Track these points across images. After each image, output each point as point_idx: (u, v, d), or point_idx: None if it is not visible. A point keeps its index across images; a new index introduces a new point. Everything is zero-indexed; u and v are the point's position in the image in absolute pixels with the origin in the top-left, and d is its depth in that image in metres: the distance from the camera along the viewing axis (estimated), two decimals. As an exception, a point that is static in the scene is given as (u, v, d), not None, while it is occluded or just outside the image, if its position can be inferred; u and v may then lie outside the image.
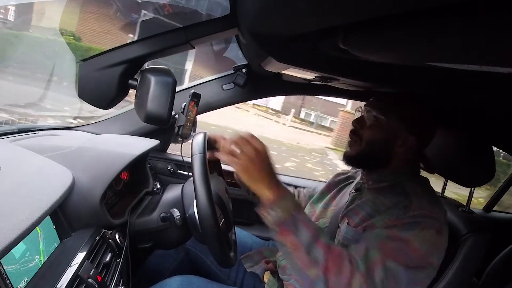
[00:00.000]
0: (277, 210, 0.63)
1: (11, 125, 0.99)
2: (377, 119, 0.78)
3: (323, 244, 0.63)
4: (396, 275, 0.63)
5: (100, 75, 0.77)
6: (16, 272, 0.49)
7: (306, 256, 0.62)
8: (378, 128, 0.78)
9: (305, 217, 0.65)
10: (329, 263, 0.62)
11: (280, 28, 0.59)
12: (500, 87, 0.58)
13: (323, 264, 0.61)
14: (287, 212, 0.63)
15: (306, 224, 0.64)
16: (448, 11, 0.33)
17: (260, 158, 0.65)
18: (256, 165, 0.64)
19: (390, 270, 0.63)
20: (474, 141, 0.88)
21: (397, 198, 0.72)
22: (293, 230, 0.63)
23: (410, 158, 0.78)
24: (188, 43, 0.79)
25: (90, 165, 0.78)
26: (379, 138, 0.77)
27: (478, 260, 0.84)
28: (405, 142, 0.76)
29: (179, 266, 1.07)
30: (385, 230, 0.67)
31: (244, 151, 0.65)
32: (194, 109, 1.11)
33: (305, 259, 0.62)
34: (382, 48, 0.49)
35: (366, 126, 0.79)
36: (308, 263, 0.62)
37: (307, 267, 0.62)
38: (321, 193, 0.96)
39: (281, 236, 0.63)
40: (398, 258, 0.64)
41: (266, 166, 0.65)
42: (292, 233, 0.63)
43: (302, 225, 0.63)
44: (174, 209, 0.85)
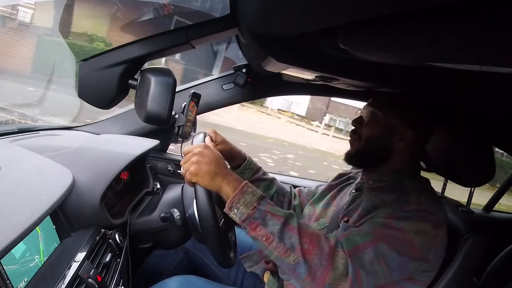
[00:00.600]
0: (239, 207, 0.63)
1: (11, 125, 0.99)
2: (374, 115, 0.79)
3: (294, 227, 0.63)
4: (387, 259, 0.63)
5: (100, 75, 0.77)
6: (16, 272, 0.49)
7: (281, 244, 0.62)
8: (375, 124, 0.78)
9: (270, 207, 0.65)
10: (304, 245, 0.62)
11: (280, 28, 0.59)
12: (500, 87, 0.58)
13: (299, 247, 0.62)
14: (250, 206, 0.63)
15: (272, 214, 0.64)
16: (448, 11, 0.33)
17: (205, 157, 0.67)
18: (203, 165, 0.66)
19: (382, 253, 0.63)
20: (474, 141, 0.88)
21: (395, 195, 0.72)
22: (261, 222, 0.63)
23: (410, 156, 0.78)
24: (188, 43, 0.79)
25: (90, 165, 0.78)
26: (377, 134, 0.78)
27: (478, 260, 0.84)
28: (403, 136, 0.76)
29: (178, 266, 1.07)
30: (381, 219, 0.68)
31: (189, 161, 0.67)
32: (194, 109, 1.11)
33: (280, 248, 0.62)
34: (382, 48, 0.49)
35: (365, 124, 0.80)
36: (284, 251, 0.62)
37: (285, 254, 0.62)
38: (321, 193, 0.97)
39: (252, 232, 0.64)
40: (391, 244, 0.64)
41: (214, 163, 0.67)
42: (260, 226, 0.63)
43: (268, 216, 0.63)
44: (174, 209, 0.85)
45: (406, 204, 0.68)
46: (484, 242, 0.84)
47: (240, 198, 0.64)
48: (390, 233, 0.65)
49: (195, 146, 0.69)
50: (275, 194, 0.98)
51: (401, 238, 0.64)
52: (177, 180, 1.27)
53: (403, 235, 0.64)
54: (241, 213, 0.63)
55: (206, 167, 0.66)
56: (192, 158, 0.67)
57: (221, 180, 0.66)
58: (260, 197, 0.65)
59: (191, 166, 0.66)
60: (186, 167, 0.67)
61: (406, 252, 0.64)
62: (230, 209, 0.64)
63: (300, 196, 1.03)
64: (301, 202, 1.02)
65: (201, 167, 0.66)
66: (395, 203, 0.70)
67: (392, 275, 0.64)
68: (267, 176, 0.99)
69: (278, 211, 0.65)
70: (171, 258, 1.08)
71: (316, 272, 0.62)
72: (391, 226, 0.66)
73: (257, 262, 1.00)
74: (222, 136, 0.89)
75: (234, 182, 0.66)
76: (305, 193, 1.03)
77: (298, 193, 1.04)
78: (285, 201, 1.00)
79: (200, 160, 0.66)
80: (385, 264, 0.63)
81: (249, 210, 0.63)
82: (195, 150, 0.68)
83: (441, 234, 0.68)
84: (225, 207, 0.65)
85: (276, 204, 0.98)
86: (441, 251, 0.69)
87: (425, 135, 0.79)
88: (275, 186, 0.98)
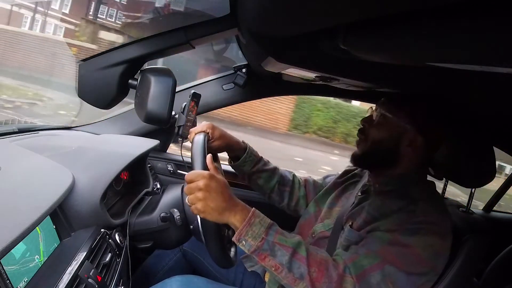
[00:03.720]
0: (248, 239, 0.63)
1: (11, 125, 0.99)
2: (384, 117, 0.77)
3: (302, 257, 0.63)
4: (394, 279, 0.63)
5: (100, 75, 0.77)
6: (16, 272, 0.49)
7: (290, 274, 0.62)
8: (384, 126, 0.77)
9: (278, 237, 0.64)
10: (313, 274, 0.62)
11: (280, 28, 0.59)
12: (500, 87, 0.58)
13: (308, 277, 0.62)
14: (258, 238, 0.63)
15: (281, 244, 0.64)
16: (448, 11, 0.33)
17: (212, 190, 0.63)
18: (210, 201, 0.62)
19: (388, 274, 0.63)
20: (474, 141, 0.88)
21: (402, 203, 0.71)
22: (270, 253, 0.63)
23: (418, 162, 0.77)
24: (188, 43, 0.80)
25: (90, 165, 0.78)
26: (385, 136, 0.76)
27: (478, 260, 0.84)
28: (412, 142, 0.75)
29: (175, 267, 1.07)
30: (387, 234, 0.67)
31: (194, 195, 0.63)
32: (194, 109, 1.11)
33: (290, 277, 0.63)
34: (382, 48, 0.49)
35: (373, 125, 0.79)
36: (294, 280, 0.63)
37: (294, 283, 0.63)
38: (326, 190, 0.96)
39: (261, 261, 0.64)
40: (399, 264, 0.64)
41: (220, 197, 0.63)
42: (269, 257, 0.63)
43: (277, 246, 0.63)
44: (174, 209, 0.85)
45: (413, 215, 0.68)
46: (484, 243, 0.83)
47: (248, 231, 0.63)
48: (397, 251, 0.64)
49: (199, 176, 0.64)
50: (276, 184, 0.97)
51: (409, 255, 0.64)
52: (177, 180, 1.27)
53: (410, 251, 0.64)
54: (250, 245, 0.63)
55: (213, 203, 0.62)
56: (197, 193, 0.63)
57: (228, 214, 0.63)
58: (268, 226, 0.64)
59: (197, 203, 0.63)
60: (192, 201, 0.64)
61: (414, 270, 0.64)
62: (239, 241, 0.64)
63: (306, 186, 1.02)
64: (307, 194, 1.01)
65: (208, 204, 0.62)
66: (401, 212, 0.69)
67: None
68: (269, 166, 0.97)
69: (286, 241, 0.64)
70: (168, 257, 1.08)
71: None
72: (398, 243, 0.65)
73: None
74: (220, 130, 0.87)
75: (241, 213, 0.64)
76: (312, 185, 1.02)
77: (304, 183, 1.02)
78: (286, 191, 0.99)
79: (206, 197, 0.62)
80: (392, 284, 0.63)
81: (257, 242, 0.63)
82: (200, 183, 0.63)
83: (447, 243, 0.68)
84: (233, 238, 0.64)
85: (277, 194, 0.99)
86: (446, 258, 0.69)
87: (435, 143, 0.78)
88: (277, 176, 0.97)
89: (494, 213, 1.56)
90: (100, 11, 6.91)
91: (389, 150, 0.76)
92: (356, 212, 0.78)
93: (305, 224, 0.92)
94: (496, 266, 1.27)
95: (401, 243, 0.65)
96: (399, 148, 0.76)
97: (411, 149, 0.75)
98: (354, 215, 0.77)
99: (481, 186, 0.90)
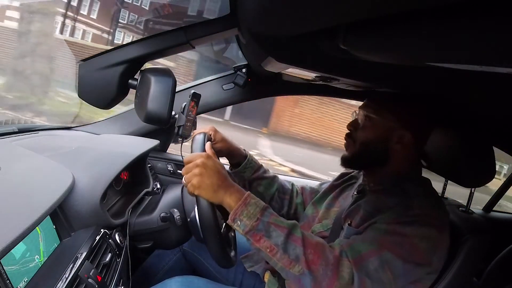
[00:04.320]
0: (243, 219, 0.63)
1: (11, 125, 0.99)
2: (369, 118, 0.78)
3: (298, 238, 0.63)
4: (392, 267, 0.63)
5: (100, 75, 0.77)
6: (16, 273, 0.49)
7: (285, 255, 0.62)
8: (371, 127, 0.78)
9: (274, 218, 0.64)
10: (309, 256, 0.62)
11: (280, 28, 0.59)
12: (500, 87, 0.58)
13: (304, 258, 0.61)
14: (253, 218, 0.63)
15: (276, 225, 0.63)
16: (448, 11, 0.33)
17: (208, 168, 0.65)
18: (206, 178, 0.64)
19: (386, 261, 0.63)
20: (474, 141, 0.88)
21: (398, 199, 0.72)
22: (265, 234, 0.62)
23: (409, 157, 0.78)
24: (188, 43, 0.80)
25: (90, 165, 0.78)
26: (373, 137, 0.77)
27: (478, 260, 0.84)
28: (400, 138, 0.76)
29: (174, 267, 1.07)
30: (384, 225, 0.67)
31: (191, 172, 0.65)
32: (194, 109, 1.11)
33: (285, 259, 0.62)
34: (382, 48, 0.49)
35: (360, 128, 0.80)
36: (289, 262, 0.62)
37: (290, 265, 0.62)
38: (324, 193, 0.96)
39: (256, 243, 0.63)
40: (396, 251, 0.63)
41: (216, 175, 0.65)
42: (264, 238, 0.62)
43: (272, 227, 0.63)
44: (174, 209, 0.85)
45: (409, 209, 0.68)
46: (484, 243, 0.83)
47: (243, 210, 0.63)
48: (394, 240, 0.64)
49: (196, 156, 0.67)
50: (276, 192, 0.98)
51: (406, 244, 0.64)
52: (177, 180, 1.27)
53: (407, 241, 0.64)
54: (245, 225, 0.63)
55: (209, 180, 0.64)
56: (194, 169, 0.65)
57: (224, 193, 0.64)
58: (263, 208, 0.64)
59: (193, 179, 0.64)
60: (188, 179, 0.65)
61: (411, 258, 0.64)
62: (234, 221, 0.63)
63: (303, 194, 1.03)
64: (304, 201, 1.01)
65: (204, 180, 0.64)
66: (398, 207, 0.69)
67: (397, 282, 0.64)
68: (268, 174, 0.98)
69: (282, 222, 0.64)
70: (168, 258, 1.08)
71: (321, 283, 0.61)
72: (395, 232, 0.65)
73: (257, 262, 1.00)
74: (221, 134, 0.88)
75: (237, 193, 0.65)
76: (308, 191, 1.03)
77: (301, 190, 1.04)
78: (285, 199, 0.99)
79: (202, 173, 0.64)
80: (390, 271, 0.63)
81: (252, 222, 0.62)
82: (197, 160, 0.66)
83: (445, 238, 0.68)
84: (228, 219, 0.65)
85: (277, 202, 0.99)
86: (444, 254, 0.69)
87: (423, 136, 0.79)
88: (276, 184, 0.98)
89: (494, 213, 1.56)
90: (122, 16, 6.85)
91: (379, 149, 0.77)
92: (353, 210, 0.78)
93: (303, 226, 0.92)
94: (496, 266, 1.27)
95: (398, 233, 0.65)
96: (388, 147, 0.77)
97: (400, 146, 0.76)
98: (351, 214, 0.78)
99: (480, 186, 0.90)
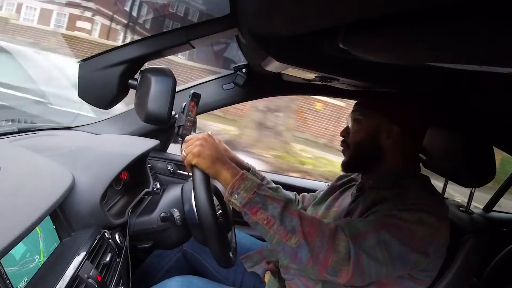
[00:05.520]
0: (240, 192, 0.65)
1: (11, 125, 0.98)
2: (358, 121, 0.80)
3: (294, 211, 0.65)
4: (389, 247, 0.63)
5: (100, 75, 0.77)
6: (17, 273, 0.49)
7: (282, 227, 0.63)
8: (360, 129, 0.80)
9: (270, 192, 0.66)
10: (306, 227, 0.63)
11: (280, 28, 0.59)
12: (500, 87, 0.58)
13: (300, 229, 0.62)
14: (250, 191, 0.65)
15: (272, 198, 0.65)
16: (448, 11, 0.33)
17: (208, 143, 0.70)
18: (206, 149, 0.69)
19: (383, 241, 0.63)
20: (474, 141, 0.88)
21: (396, 191, 0.73)
22: (261, 206, 0.64)
23: (405, 152, 0.78)
24: (188, 43, 0.80)
25: (90, 165, 0.78)
26: (363, 138, 0.79)
27: (478, 260, 0.84)
28: (389, 133, 0.77)
29: (174, 267, 1.07)
30: (384, 212, 0.68)
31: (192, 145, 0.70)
32: (194, 109, 1.11)
33: (281, 230, 0.63)
34: (382, 48, 0.49)
35: (351, 132, 0.82)
36: (285, 234, 0.63)
37: (286, 237, 0.63)
38: (323, 195, 0.97)
39: (252, 216, 0.64)
40: (393, 232, 0.64)
41: (216, 149, 0.70)
42: (261, 210, 0.64)
43: (268, 200, 0.65)
44: (174, 209, 0.85)
45: (407, 199, 0.69)
46: (484, 243, 0.83)
47: (241, 184, 0.65)
48: (393, 222, 0.65)
49: (198, 135, 0.72)
50: None
51: (403, 228, 0.64)
52: (177, 180, 1.27)
53: (405, 225, 0.65)
54: (242, 197, 0.64)
55: (209, 151, 0.69)
56: (195, 142, 0.70)
57: (221, 165, 0.68)
58: (259, 183, 0.67)
59: (194, 148, 0.69)
60: (189, 150, 0.69)
61: (407, 242, 0.64)
62: (231, 195, 0.65)
63: (303, 202, 1.05)
64: (304, 208, 1.03)
65: (204, 150, 0.68)
66: (396, 197, 0.71)
67: (393, 264, 0.64)
68: (271, 185, 1.00)
69: (278, 195, 0.66)
70: (167, 258, 1.08)
71: (318, 255, 0.62)
72: (394, 216, 0.66)
73: (257, 262, 1.00)
74: (224, 145, 0.92)
75: (234, 169, 0.68)
76: (308, 198, 1.05)
77: (302, 199, 1.06)
78: None
79: (203, 144, 0.69)
80: (387, 251, 0.63)
81: (249, 195, 0.64)
82: (199, 136, 0.71)
83: (443, 229, 0.68)
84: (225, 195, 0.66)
85: None
86: (442, 248, 0.69)
87: (414, 129, 0.78)
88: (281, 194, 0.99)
89: (494, 213, 1.56)
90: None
91: (371, 147, 0.78)
92: (353, 208, 0.79)
93: None
94: (496, 266, 1.27)
95: (396, 217, 0.66)
96: (379, 143, 0.78)
97: (391, 140, 0.77)
98: (351, 211, 0.79)
99: (481, 186, 0.90)
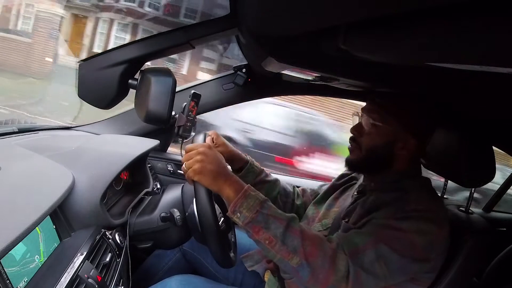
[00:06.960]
0: (242, 211, 0.64)
1: (11, 125, 0.98)
2: (375, 126, 0.76)
3: (296, 230, 0.64)
4: (388, 261, 0.63)
5: (100, 75, 0.77)
6: (17, 273, 0.49)
7: (284, 247, 0.62)
8: (376, 134, 0.76)
9: (272, 210, 0.65)
10: (307, 248, 0.62)
11: (280, 28, 0.59)
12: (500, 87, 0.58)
13: (302, 249, 0.62)
14: (253, 210, 0.64)
15: (275, 217, 0.64)
16: (448, 11, 0.33)
17: (209, 157, 0.67)
18: (207, 164, 0.66)
19: (382, 255, 0.63)
20: (474, 141, 0.88)
21: (396, 194, 0.72)
22: (264, 226, 0.63)
23: (411, 159, 0.78)
24: (188, 43, 0.80)
25: (90, 165, 0.78)
26: (379, 144, 0.76)
27: (478, 260, 0.84)
28: (405, 144, 0.75)
29: (174, 267, 1.07)
30: (382, 220, 0.68)
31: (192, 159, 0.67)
32: (194, 109, 1.11)
33: (283, 250, 0.63)
34: (382, 48, 0.49)
35: (365, 133, 0.78)
36: (287, 254, 0.62)
37: (288, 257, 0.63)
38: (325, 193, 0.96)
39: (255, 235, 0.64)
40: (392, 245, 0.63)
41: (217, 163, 0.68)
42: (263, 230, 0.63)
43: (271, 219, 0.64)
44: (174, 209, 0.85)
45: (406, 203, 0.68)
46: (484, 243, 0.83)
47: (243, 202, 0.64)
48: (391, 234, 0.64)
49: (198, 145, 0.70)
50: (278, 195, 0.98)
51: (402, 239, 0.64)
52: (177, 180, 1.27)
53: (404, 235, 0.64)
54: (244, 217, 0.64)
55: (210, 166, 0.66)
56: (196, 156, 0.67)
57: (223, 181, 0.66)
58: (262, 200, 0.65)
59: (194, 164, 0.66)
60: (189, 165, 0.67)
61: (407, 253, 0.64)
62: (233, 213, 0.64)
63: (303, 196, 1.03)
64: (304, 202, 1.02)
65: (205, 166, 0.66)
66: (394, 202, 0.70)
67: (393, 276, 0.64)
68: (270, 177, 0.99)
69: (281, 214, 0.65)
70: (168, 258, 1.08)
71: (319, 275, 0.62)
72: (392, 227, 0.65)
73: (258, 261, 1.00)
74: (223, 139, 0.89)
75: (236, 185, 0.66)
76: (309, 193, 1.03)
77: (302, 192, 1.04)
78: (288, 202, 0.99)
79: (204, 159, 0.66)
80: (386, 265, 0.63)
81: (252, 214, 0.63)
82: (199, 149, 0.68)
83: (443, 233, 0.68)
84: (228, 211, 0.65)
85: (279, 205, 0.99)
86: (443, 250, 0.69)
87: (426, 138, 0.79)
88: (278, 187, 0.98)
89: (494, 213, 1.56)
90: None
91: (384, 154, 0.76)
92: (352, 209, 0.78)
93: None
94: (496, 266, 1.27)
95: (394, 227, 0.65)
96: (393, 152, 0.76)
97: (405, 151, 0.76)
98: (350, 212, 0.78)
99: (480, 185, 0.90)
